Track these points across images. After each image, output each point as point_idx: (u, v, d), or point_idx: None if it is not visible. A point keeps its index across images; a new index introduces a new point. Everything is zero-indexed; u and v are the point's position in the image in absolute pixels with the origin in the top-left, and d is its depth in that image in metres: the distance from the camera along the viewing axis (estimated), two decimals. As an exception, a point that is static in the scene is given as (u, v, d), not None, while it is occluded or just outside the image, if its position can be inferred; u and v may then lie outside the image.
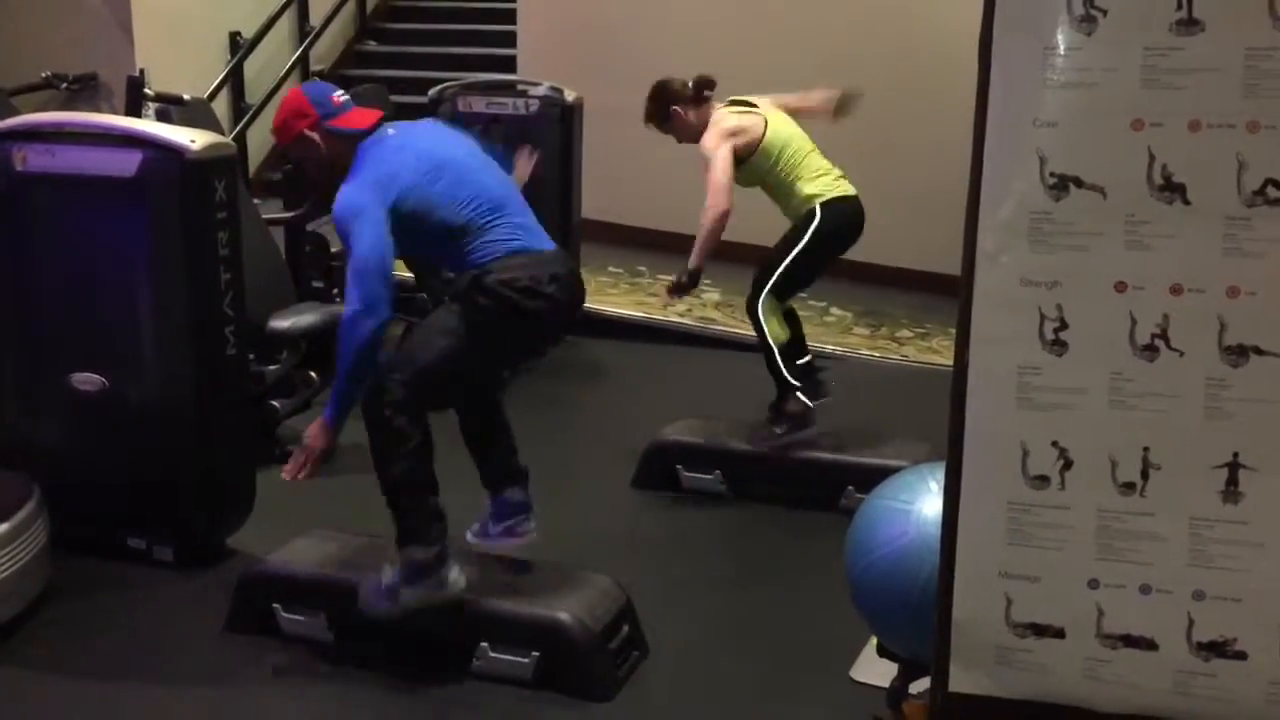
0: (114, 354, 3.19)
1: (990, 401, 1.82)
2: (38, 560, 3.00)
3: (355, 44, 8.60)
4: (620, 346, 5.44)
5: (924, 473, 2.42)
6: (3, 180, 3.16)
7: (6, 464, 3.38)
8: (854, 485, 3.62)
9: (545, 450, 3.61)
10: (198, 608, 3.08)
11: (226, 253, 3.16)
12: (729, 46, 6.59)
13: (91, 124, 3.31)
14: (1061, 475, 1.80)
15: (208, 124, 4.28)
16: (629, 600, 2.89)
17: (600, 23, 6.88)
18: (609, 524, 3.71)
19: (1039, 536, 1.82)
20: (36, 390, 3.30)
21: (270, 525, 3.34)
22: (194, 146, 3.06)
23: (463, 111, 5.18)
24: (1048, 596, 1.83)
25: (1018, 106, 1.75)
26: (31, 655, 2.88)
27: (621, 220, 6.72)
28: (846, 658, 2.86)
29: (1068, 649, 1.84)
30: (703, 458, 3.89)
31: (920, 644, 2.20)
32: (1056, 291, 1.77)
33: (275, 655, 2.88)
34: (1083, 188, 1.73)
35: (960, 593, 1.87)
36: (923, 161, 6.16)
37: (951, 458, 1.86)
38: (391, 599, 2.73)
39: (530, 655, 2.74)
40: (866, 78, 6.20)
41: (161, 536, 3.28)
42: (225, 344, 3.20)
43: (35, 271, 3.23)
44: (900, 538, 2.31)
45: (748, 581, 3.39)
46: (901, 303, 5.96)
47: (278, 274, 4.34)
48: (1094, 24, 1.70)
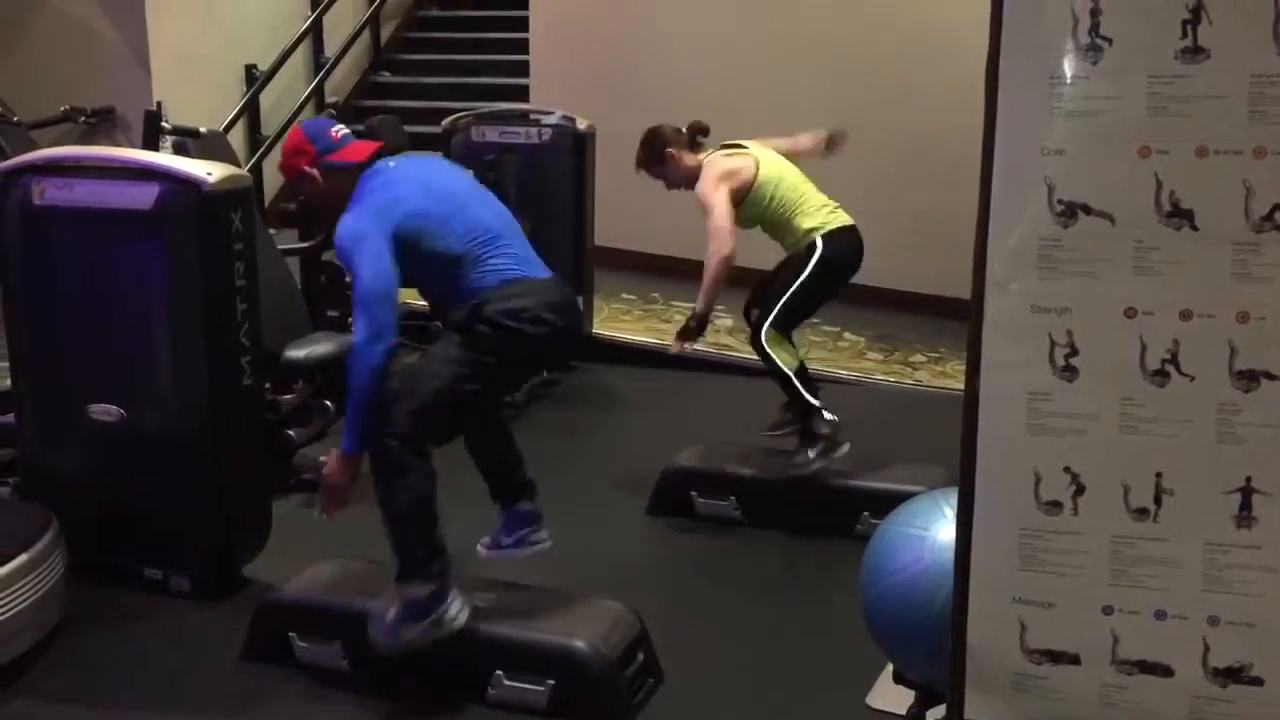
0: (131, 385, 3.22)
1: (1001, 428, 1.82)
2: (55, 591, 3.02)
3: (369, 75, 8.69)
4: (634, 373, 5.45)
5: (938, 498, 2.42)
6: (22, 213, 3.20)
7: (25, 495, 3.42)
8: (869, 511, 3.61)
9: (560, 477, 3.62)
10: (214, 637, 3.09)
11: (243, 283, 3.19)
12: (738, 74, 6.63)
13: (109, 157, 3.36)
14: (1074, 501, 1.80)
15: (224, 156, 4.32)
16: (644, 627, 2.89)
17: (612, 51, 6.94)
18: (624, 551, 3.71)
19: (1053, 562, 1.82)
20: (55, 421, 3.33)
21: (286, 554, 3.35)
22: (210, 179, 3.09)
23: (476, 141, 5.22)
24: (1062, 622, 1.83)
25: (1025, 134, 1.76)
26: (49, 686, 2.89)
27: (634, 247, 6.75)
28: (863, 685, 2.85)
29: (1083, 675, 1.83)
30: (717, 484, 3.89)
31: (936, 671, 2.19)
32: (1066, 318, 1.77)
33: (291, 684, 2.88)
34: (1091, 214, 1.74)
35: (975, 619, 1.87)
36: (933, 186, 6.17)
37: (964, 484, 1.86)
38: (394, 635, 2.74)
39: (545, 683, 2.73)
40: (876, 103, 6.26)
41: (178, 566, 3.30)
42: (242, 374, 3.22)
43: (54, 303, 3.26)
44: (915, 564, 2.31)
45: (763, 608, 3.38)
46: (914, 327, 5.95)
47: (293, 304, 4.37)
48: (1099, 53, 1.71)
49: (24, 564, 2.90)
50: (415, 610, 2.71)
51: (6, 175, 3.24)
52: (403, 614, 2.72)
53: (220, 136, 4.90)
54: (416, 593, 2.70)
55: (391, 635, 2.74)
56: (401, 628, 2.72)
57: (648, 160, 3.92)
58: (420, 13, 9.15)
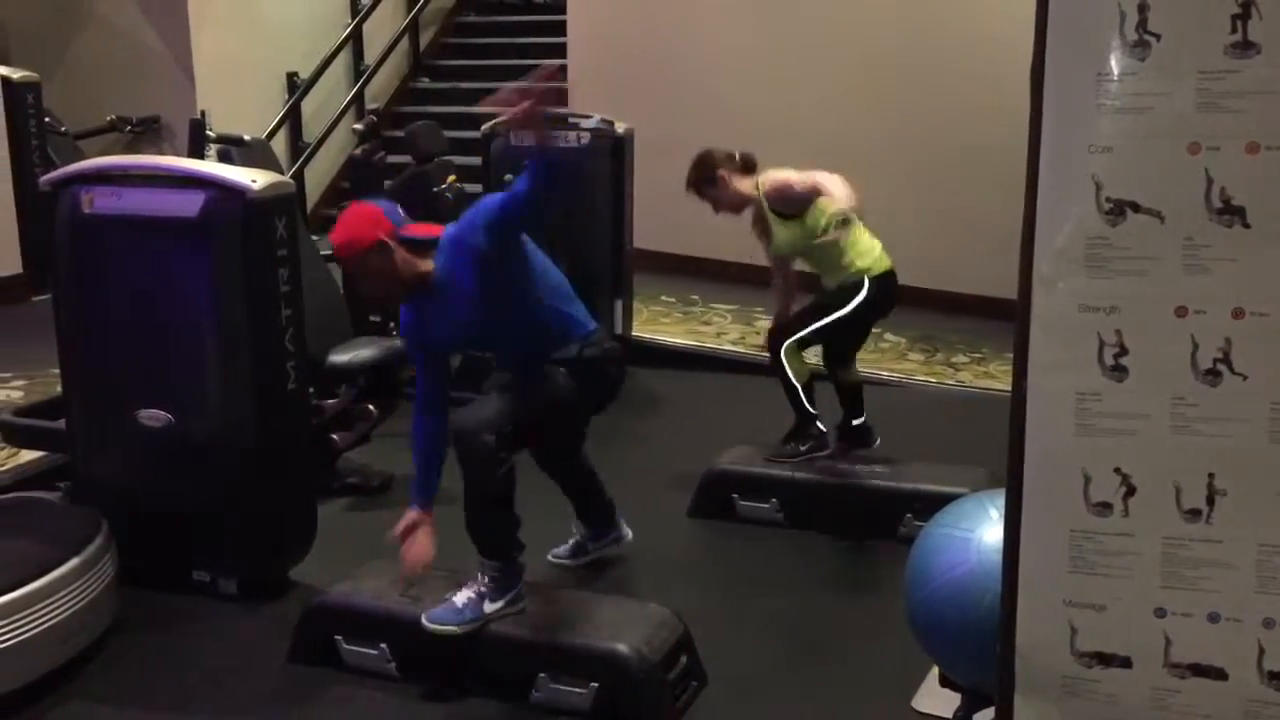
0: (179, 390, 3.26)
1: (1050, 429, 1.80)
2: (106, 594, 3.06)
3: (409, 81, 8.76)
4: (673, 376, 5.45)
5: (984, 500, 2.40)
6: (71, 222, 3.25)
7: (76, 499, 3.47)
8: (912, 512, 3.59)
9: (602, 480, 3.62)
10: (261, 639, 3.12)
11: (287, 289, 3.23)
12: (776, 75, 6.62)
13: (156, 166, 3.40)
14: (1124, 502, 1.78)
15: (268, 163, 4.36)
16: (687, 630, 2.89)
17: (650, 54, 6.94)
18: (666, 553, 3.71)
19: (1103, 564, 1.79)
20: (104, 427, 3.38)
21: (331, 558, 3.38)
22: (255, 186, 3.12)
23: (515, 146, 5.23)
24: (1113, 625, 1.81)
25: (1072, 132, 1.74)
26: (102, 688, 2.93)
27: (673, 250, 6.75)
28: (908, 688, 2.83)
29: (1135, 679, 1.81)
30: (759, 486, 3.89)
31: (983, 673, 2.18)
32: (1115, 317, 1.75)
33: (338, 686, 2.91)
34: (1140, 212, 1.72)
35: (1024, 622, 1.85)
36: (972, 186, 6.13)
37: (1011, 486, 1.85)
38: (475, 612, 2.83)
39: (589, 686, 2.74)
40: (916, 103, 6.23)
41: (225, 569, 3.33)
42: (286, 379, 3.25)
43: (103, 310, 3.31)
44: (961, 566, 2.30)
45: (806, 610, 3.37)
46: (955, 327, 5.92)
47: (336, 309, 4.40)
48: (1148, 49, 1.69)
49: (76, 567, 2.94)
50: (498, 586, 2.85)
51: (56, 184, 3.29)
52: (489, 589, 2.85)
53: (264, 144, 4.95)
54: (499, 571, 2.85)
55: (476, 614, 2.83)
56: (483, 604, 2.84)
57: (699, 182, 3.91)
58: (458, 18, 9.21)
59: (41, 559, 2.90)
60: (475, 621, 2.83)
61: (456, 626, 2.82)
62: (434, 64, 8.89)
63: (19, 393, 4.60)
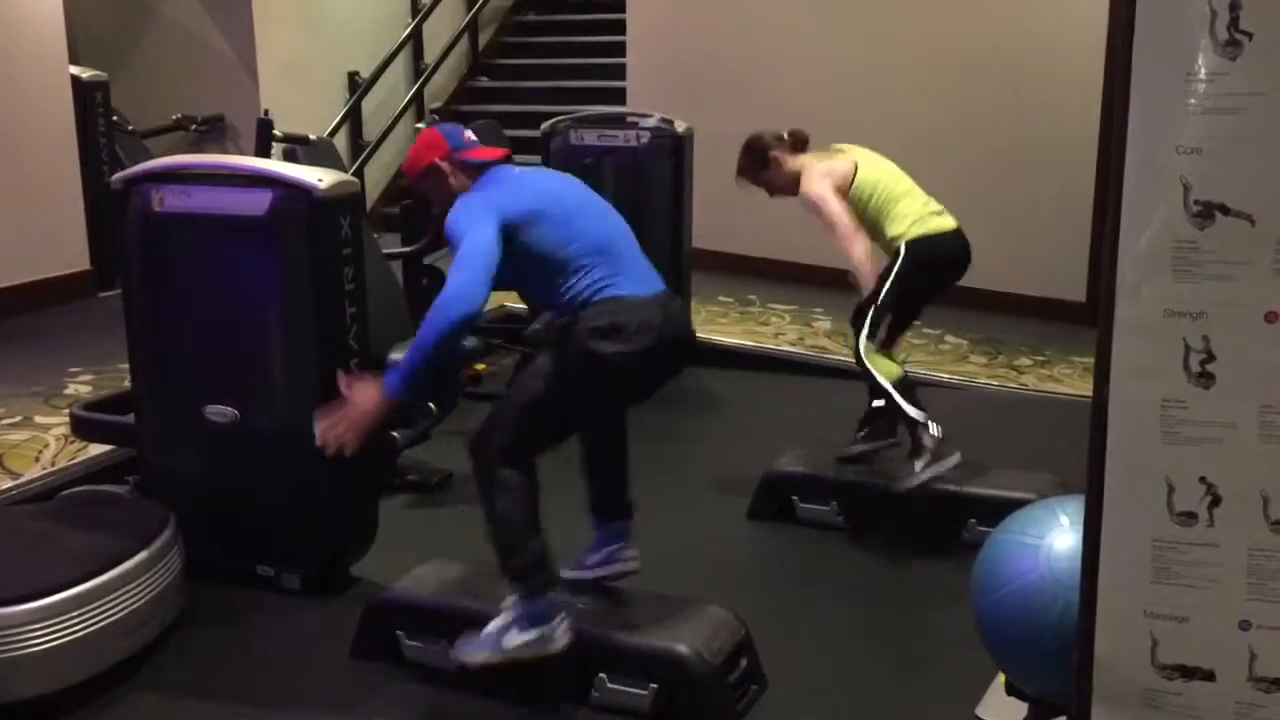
0: (246, 386, 3.29)
1: (1133, 436, 1.76)
2: (173, 587, 3.10)
3: (468, 80, 8.81)
4: (732, 376, 5.42)
5: (1053, 507, 2.36)
6: (142, 220, 3.30)
7: (144, 492, 3.52)
8: (975, 518, 3.55)
9: (660, 481, 3.62)
10: (324, 634, 3.15)
11: (352, 287, 3.25)
12: (837, 73, 6.57)
13: (224, 165, 3.44)
14: (1209, 512, 1.74)
15: (332, 162, 4.40)
16: (747, 632, 2.87)
17: (709, 53, 6.92)
18: (725, 555, 3.69)
19: (1186, 575, 1.75)
20: (173, 422, 3.42)
21: (391, 554, 3.41)
22: (321, 185, 3.15)
23: (575, 144, 5.25)
24: (1196, 637, 1.77)
25: (1158, 134, 1.70)
26: (169, 679, 2.97)
27: (732, 249, 6.73)
28: (972, 695, 2.79)
29: (1218, 692, 1.77)
30: (818, 488, 3.86)
31: (1052, 682, 2.14)
32: (1202, 322, 1.71)
33: (400, 682, 2.92)
34: (1229, 215, 1.68)
35: (1103, 632, 1.81)
36: (1037, 186, 6.05)
37: (1092, 494, 1.81)
38: (493, 645, 2.72)
39: (649, 687, 2.73)
40: (979, 103, 6.15)
41: (289, 564, 3.37)
42: (351, 376, 3.27)
43: (172, 308, 3.35)
44: (1030, 573, 2.26)
45: (867, 614, 3.34)
46: (1017, 329, 5.83)
47: (396, 307, 4.43)
48: (1239, 48, 1.65)
49: (145, 560, 2.98)
50: (519, 622, 2.70)
51: (128, 183, 3.34)
52: (508, 625, 2.71)
53: (328, 143, 4.99)
54: (520, 606, 2.70)
55: (494, 647, 2.72)
56: (503, 638, 2.70)
57: (750, 168, 3.88)
58: (517, 18, 9.25)
59: (111, 552, 2.94)
60: (494, 655, 2.71)
61: (482, 658, 2.73)
62: (493, 63, 8.93)
63: (87, 387, 4.68)
